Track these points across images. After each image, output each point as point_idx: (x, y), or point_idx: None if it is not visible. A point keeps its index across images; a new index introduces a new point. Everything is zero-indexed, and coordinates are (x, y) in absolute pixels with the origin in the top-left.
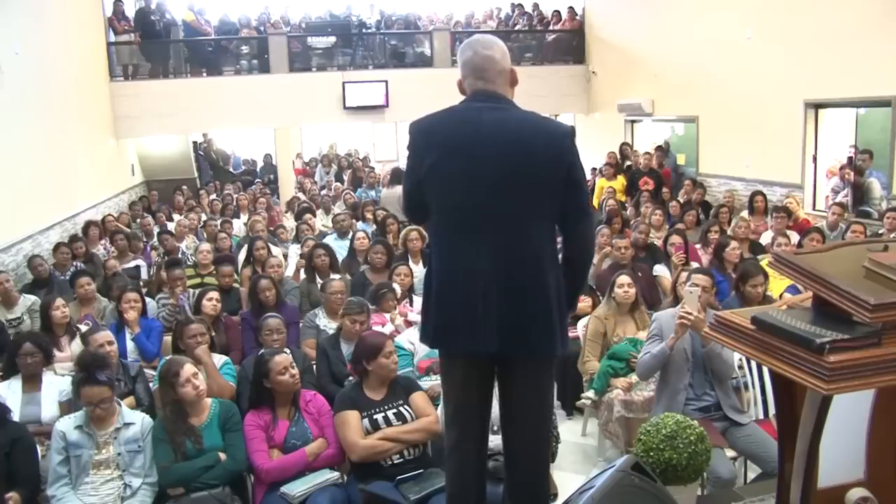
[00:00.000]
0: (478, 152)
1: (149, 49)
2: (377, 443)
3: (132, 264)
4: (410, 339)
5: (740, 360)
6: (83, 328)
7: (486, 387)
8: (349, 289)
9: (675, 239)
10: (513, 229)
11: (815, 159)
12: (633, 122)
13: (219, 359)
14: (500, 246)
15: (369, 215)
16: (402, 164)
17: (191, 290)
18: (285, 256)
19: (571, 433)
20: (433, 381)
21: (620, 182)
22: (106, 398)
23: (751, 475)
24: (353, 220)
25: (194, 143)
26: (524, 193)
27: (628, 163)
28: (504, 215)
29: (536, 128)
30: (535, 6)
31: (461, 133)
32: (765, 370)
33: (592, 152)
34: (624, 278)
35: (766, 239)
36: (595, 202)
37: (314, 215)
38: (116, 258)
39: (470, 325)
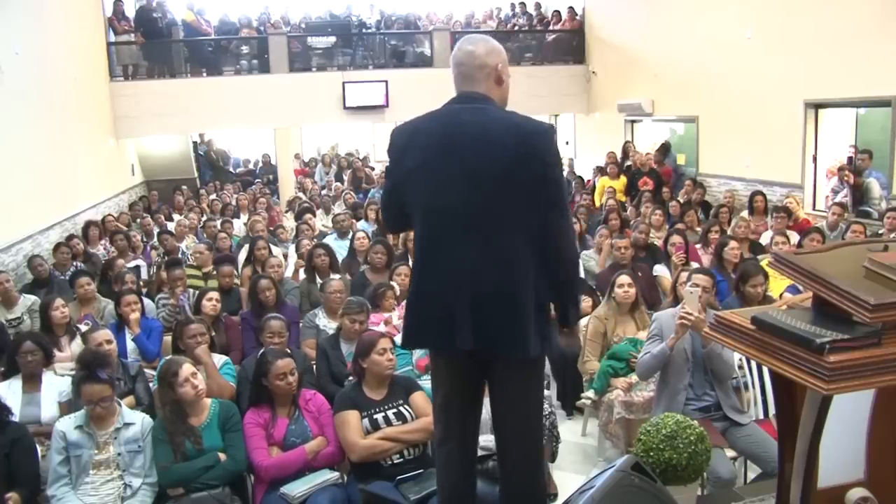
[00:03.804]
0: (453, 154)
1: (149, 49)
2: (377, 442)
3: (132, 264)
4: None
5: (740, 360)
6: (83, 328)
7: (473, 385)
8: (349, 289)
9: (676, 239)
10: (487, 230)
11: (815, 159)
12: (633, 122)
13: (219, 359)
14: (475, 247)
15: (371, 215)
16: None
17: (191, 290)
18: (285, 256)
19: (571, 433)
20: None
21: (621, 182)
22: (106, 396)
23: (751, 475)
24: (353, 220)
25: (194, 143)
26: (499, 194)
27: (628, 163)
28: (478, 216)
29: (512, 128)
30: (537, 6)
31: (438, 135)
32: (765, 370)
33: (592, 152)
34: (624, 278)
35: (766, 239)
36: (596, 201)
37: (314, 215)
38: (117, 258)
39: (444, 325)
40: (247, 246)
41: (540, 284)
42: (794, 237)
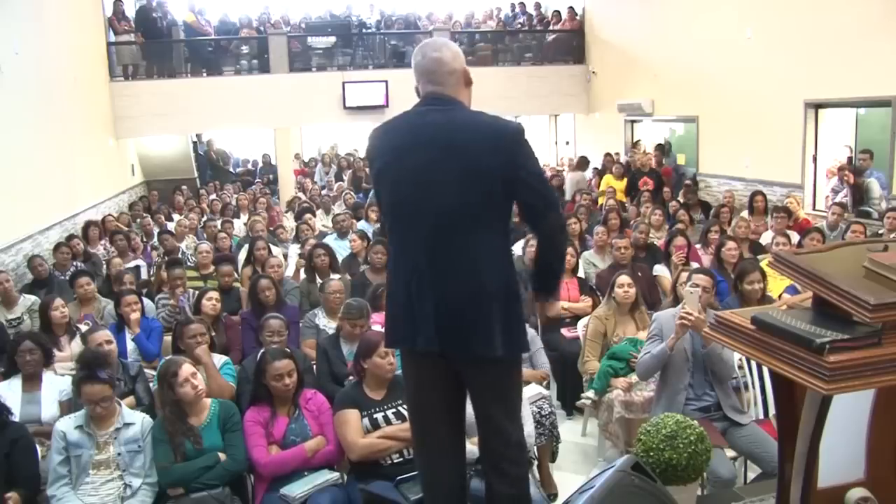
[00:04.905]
0: (418, 154)
1: (149, 49)
2: (375, 442)
3: (132, 264)
4: None
5: (740, 360)
6: (83, 328)
7: (446, 387)
8: (349, 289)
9: (679, 241)
10: (451, 230)
11: (815, 159)
12: (633, 122)
13: (219, 359)
14: (438, 246)
15: (372, 215)
16: None
17: (191, 291)
18: (285, 256)
19: (571, 433)
20: None
21: (622, 181)
22: (107, 396)
23: (751, 475)
24: (354, 221)
25: (194, 143)
26: (464, 194)
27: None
28: (442, 216)
29: (479, 128)
30: (537, 6)
31: (405, 136)
32: (765, 370)
33: (592, 152)
34: (624, 278)
35: (766, 239)
36: (600, 200)
37: (314, 215)
38: (117, 258)
39: (410, 324)
40: (247, 246)
41: (510, 284)
42: (795, 237)
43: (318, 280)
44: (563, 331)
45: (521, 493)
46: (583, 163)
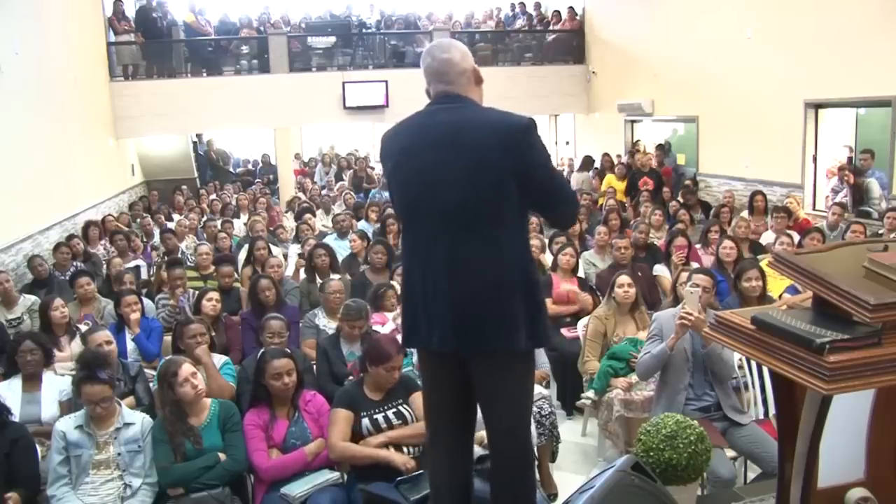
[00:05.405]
0: (426, 154)
1: (149, 49)
2: (351, 448)
3: (132, 264)
4: None
5: (740, 360)
6: (83, 328)
7: (458, 388)
8: (349, 289)
9: (680, 241)
10: (462, 228)
11: (815, 159)
12: (633, 122)
13: (219, 359)
14: (450, 245)
15: (372, 215)
16: None
17: (191, 291)
18: (285, 256)
19: (571, 433)
20: None
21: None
22: (107, 397)
23: (751, 475)
24: (354, 221)
25: (194, 143)
26: (473, 191)
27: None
28: (452, 214)
29: (487, 124)
30: (537, 6)
31: (415, 136)
32: (765, 370)
33: (593, 152)
34: (624, 278)
35: (766, 239)
36: (600, 200)
37: (314, 215)
38: (117, 258)
39: (425, 324)
40: (247, 246)
41: (528, 274)
42: (795, 237)
43: (318, 280)
44: (563, 331)
45: (523, 493)
46: (587, 163)
